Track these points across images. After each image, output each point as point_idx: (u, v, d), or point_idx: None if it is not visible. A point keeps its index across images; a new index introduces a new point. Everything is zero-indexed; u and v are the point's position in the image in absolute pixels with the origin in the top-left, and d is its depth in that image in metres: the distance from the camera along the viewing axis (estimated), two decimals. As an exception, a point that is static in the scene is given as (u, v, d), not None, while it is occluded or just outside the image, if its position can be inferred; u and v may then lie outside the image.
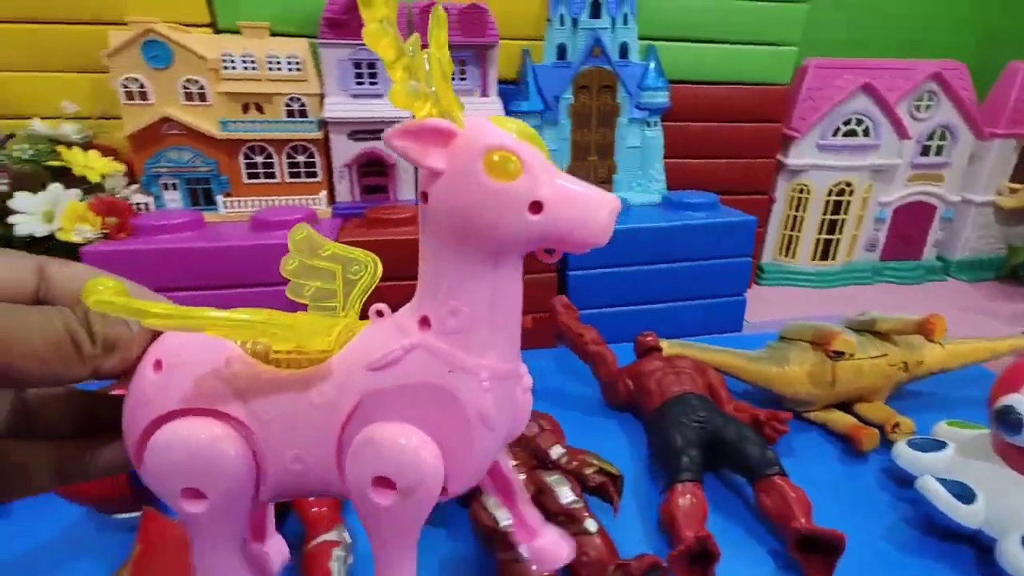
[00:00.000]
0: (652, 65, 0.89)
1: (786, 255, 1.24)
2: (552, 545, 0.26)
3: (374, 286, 0.22)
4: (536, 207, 0.17)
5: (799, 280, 1.22)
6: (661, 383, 0.55)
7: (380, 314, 0.20)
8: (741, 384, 0.60)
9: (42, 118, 0.77)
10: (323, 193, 0.85)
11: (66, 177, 0.74)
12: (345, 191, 0.86)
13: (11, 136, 0.78)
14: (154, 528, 0.37)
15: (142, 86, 0.75)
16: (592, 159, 0.91)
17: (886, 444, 0.52)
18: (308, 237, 0.21)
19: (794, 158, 1.13)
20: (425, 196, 0.18)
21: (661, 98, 0.90)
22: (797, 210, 1.19)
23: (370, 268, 0.22)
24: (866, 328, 0.57)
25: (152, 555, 0.35)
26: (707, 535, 0.36)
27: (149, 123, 0.76)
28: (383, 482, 0.18)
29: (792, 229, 1.21)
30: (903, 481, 0.48)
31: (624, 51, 0.89)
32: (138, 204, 0.78)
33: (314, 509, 0.40)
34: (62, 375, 0.17)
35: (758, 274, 1.22)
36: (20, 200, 0.68)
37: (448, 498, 0.20)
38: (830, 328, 0.54)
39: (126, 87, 0.75)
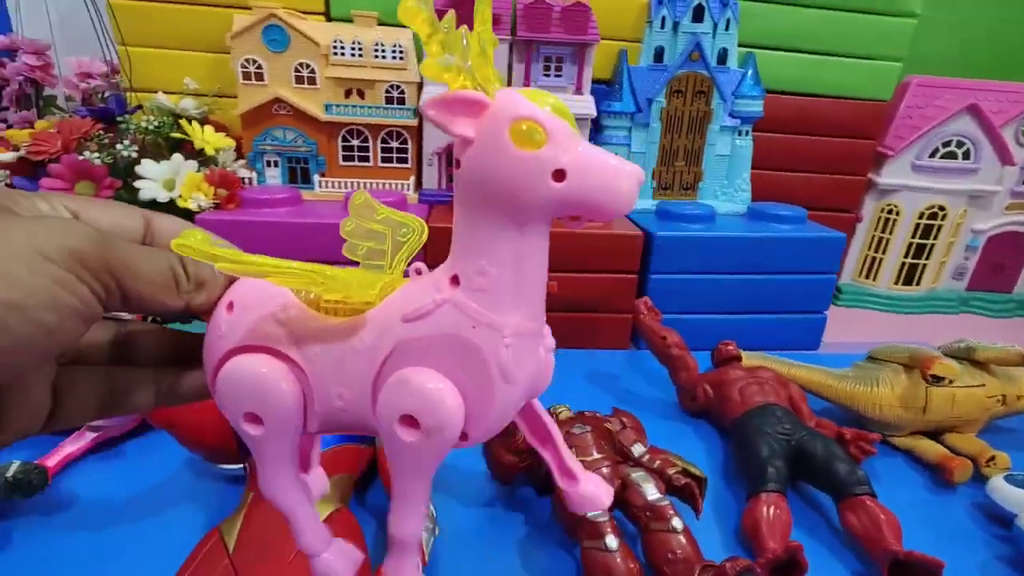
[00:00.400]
0: (750, 73, 0.87)
1: (867, 277, 1.19)
2: (594, 489, 0.27)
3: (419, 247, 0.24)
4: (559, 175, 0.18)
5: (878, 304, 1.18)
6: (743, 392, 0.55)
7: (419, 272, 0.23)
8: (820, 402, 0.59)
9: (166, 92, 0.83)
10: (412, 179, 0.88)
11: (184, 149, 0.79)
12: (432, 178, 0.88)
13: (140, 107, 0.85)
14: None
15: (259, 67, 0.80)
16: (679, 164, 0.91)
17: (977, 478, 0.51)
18: (366, 202, 0.23)
19: (886, 177, 1.08)
20: (458, 162, 0.19)
21: (756, 107, 0.89)
22: (883, 231, 1.14)
23: (417, 231, 0.24)
24: (963, 356, 0.55)
25: (263, 503, 0.38)
26: (798, 546, 0.36)
27: (261, 103, 0.81)
28: (409, 420, 0.20)
29: (876, 250, 1.16)
30: (997, 517, 0.46)
31: (723, 57, 0.88)
32: (245, 178, 0.83)
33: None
34: (166, 303, 0.21)
35: (835, 294, 1.18)
36: (146, 167, 0.74)
37: (468, 445, 0.21)
38: (929, 352, 0.53)
39: (244, 68, 0.80)
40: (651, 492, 0.41)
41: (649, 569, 0.38)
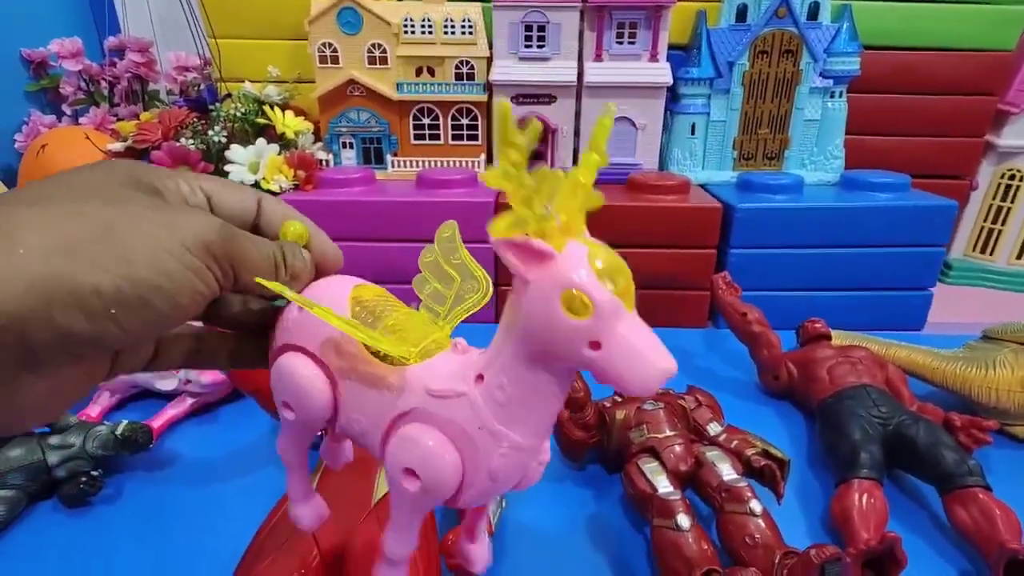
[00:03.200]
0: (845, 27, 0.80)
1: (983, 251, 1.07)
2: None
3: (478, 308, 0.25)
4: (595, 345, 0.18)
5: (995, 281, 1.06)
6: (833, 372, 0.51)
7: (456, 347, 0.24)
8: (923, 387, 0.53)
9: (251, 81, 0.88)
10: (483, 156, 0.88)
11: (267, 133, 0.83)
12: (503, 155, 0.88)
13: (228, 96, 0.90)
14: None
15: (334, 50, 0.82)
16: (763, 132, 0.85)
17: (1120, 477, 0.44)
18: (452, 237, 0.25)
19: (1008, 138, 0.96)
20: (515, 289, 0.20)
21: (851, 64, 0.81)
22: (1004, 199, 1.02)
23: (481, 290, 0.25)
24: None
25: (336, 468, 0.39)
26: (896, 537, 0.33)
27: (337, 85, 0.83)
28: (412, 472, 0.22)
29: (994, 222, 1.04)
30: None
31: (814, 11, 0.81)
32: (322, 160, 0.87)
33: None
34: (266, 289, 0.23)
35: (943, 271, 1.07)
36: (234, 151, 0.78)
37: (452, 507, 0.24)
38: (1061, 332, 0.46)
39: (321, 52, 0.82)
40: (727, 472, 0.39)
41: (724, 553, 0.36)
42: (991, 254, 1.07)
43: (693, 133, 0.85)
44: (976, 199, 1.04)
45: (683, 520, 0.35)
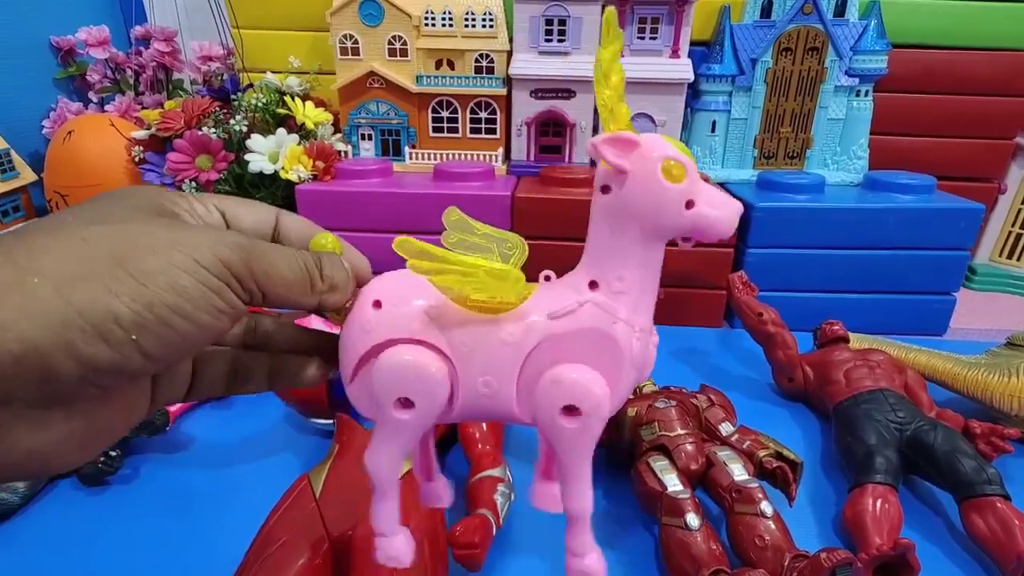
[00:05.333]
0: (873, 24, 0.78)
1: (1009, 256, 1.04)
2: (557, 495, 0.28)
3: (524, 260, 0.25)
4: (690, 204, 0.22)
5: (1022, 288, 1.03)
6: (850, 375, 0.50)
7: (548, 278, 0.25)
8: (943, 393, 0.52)
9: (273, 71, 0.89)
10: (500, 150, 0.87)
11: (288, 123, 0.84)
12: (521, 149, 0.88)
13: (250, 86, 0.91)
14: (349, 432, 0.42)
15: (355, 42, 0.82)
16: (785, 131, 0.83)
17: None
18: (461, 219, 0.25)
19: (1040, 141, 0.94)
20: (606, 188, 0.23)
21: (878, 63, 0.79)
22: (1034, 204, 0.99)
23: (519, 246, 0.25)
24: None
25: (347, 455, 0.40)
26: (909, 544, 0.32)
27: (357, 77, 0.84)
28: (569, 410, 0.23)
29: (1023, 227, 1.02)
30: None
31: (841, 8, 0.79)
32: (341, 151, 0.87)
33: (479, 447, 0.42)
34: (300, 301, 0.22)
35: (968, 276, 1.04)
36: (255, 141, 0.79)
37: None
38: (1087, 340, 0.45)
39: (342, 43, 0.83)
40: (738, 472, 0.38)
41: (734, 554, 0.36)
42: (1018, 260, 1.04)
43: (713, 131, 0.84)
44: (1004, 203, 1.02)
45: (692, 519, 0.35)
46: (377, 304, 0.24)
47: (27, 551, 0.38)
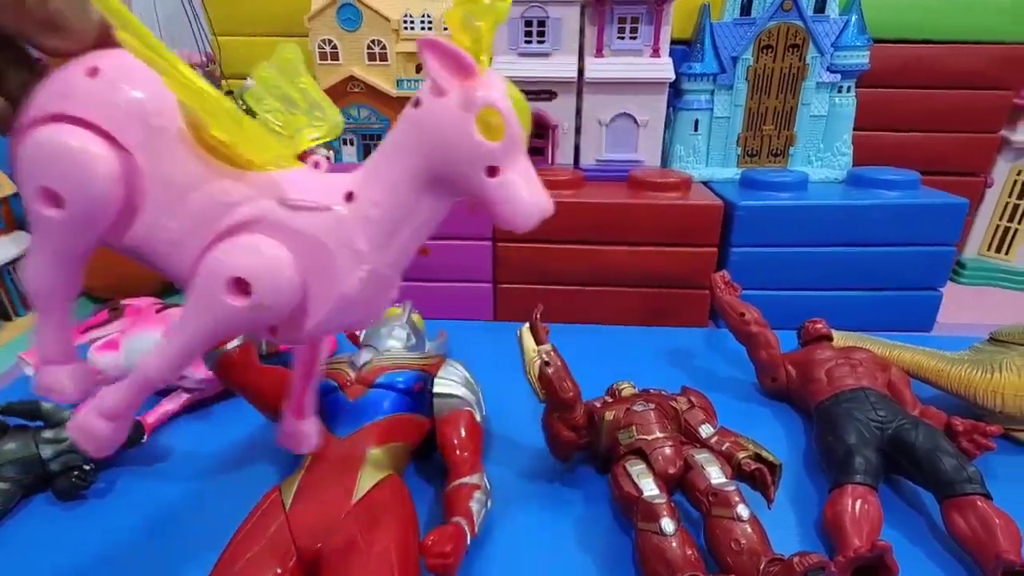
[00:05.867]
0: (853, 20, 0.78)
1: (997, 250, 1.04)
2: (308, 430, 0.27)
3: (329, 139, 0.22)
4: (493, 171, 0.18)
5: (1011, 282, 1.03)
6: (832, 374, 0.49)
7: (316, 166, 0.21)
8: (928, 390, 0.52)
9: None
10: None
11: (268, 130, 0.84)
12: (503, 152, 0.87)
13: (230, 93, 0.90)
14: (322, 442, 0.41)
15: (334, 47, 0.82)
16: (767, 128, 0.83)
17: None
18: (295, 61, 0.22)
19: (1023, 134, 0.94)
20: (418, 102, 0.19)
21: (859, 58, 0.79)
22: (1020, 197, 0.99)
23: (331, 123, 0.22)
24: (1118, 341, 0.46)
25: (320, 466, 0.39)
26: (886, 546, 0.32)
27: (337, 81, 0.83)
28: (240, 284, 0.19)
29: (1010, 220, 1.02)
30: None
31: (821, 4, 0.79)
32: (323, 157, 0.87)
33: (457, 453, 0.42)
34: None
35: (956, 270, 1.04)
36: (233, 148, 0.79)
37: (294, 340, 0.20)
38: (1069, 334, 0.45)
39: (321, 48, 0.82)
40: (716, 475, 0.38)
41: (710, 558, 0.35)
42: (1007, 253, 1.04)
43: (696, 129, 0.83)
44: (991, 196, 1.02)
45: (667, 524, 0.34)
46: (93, 71, 0.19)
47: (2, 568, 0.38)
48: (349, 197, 0.20)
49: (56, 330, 0.21)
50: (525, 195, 0.19)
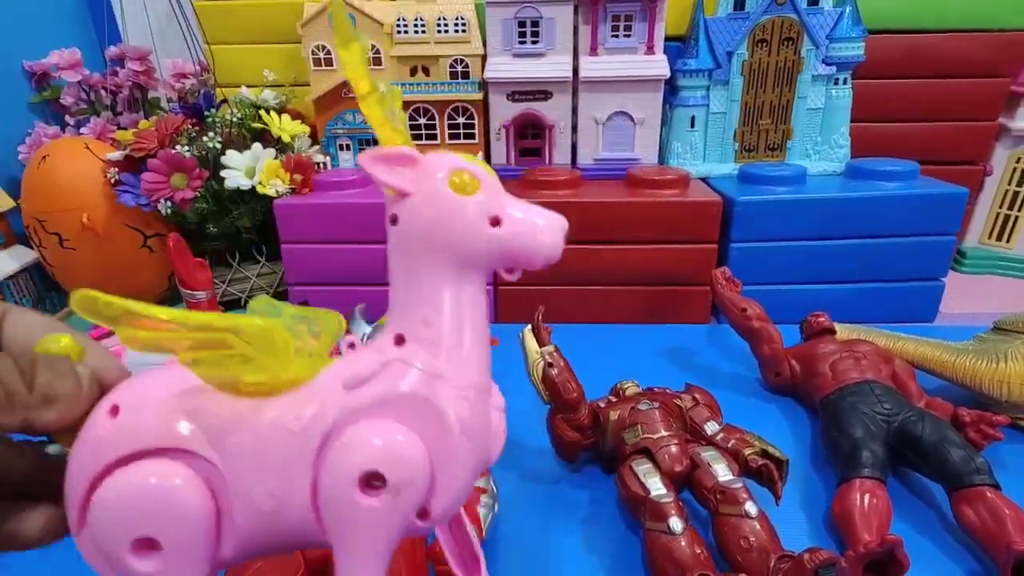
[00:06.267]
0: (847, 11, 0.77)
1: (998, 239, 1.04)
2: None
3: (340, 336, 0.21)
4: (496, 221, 0.19)
5: (1013, 270, 1.02)
6: (836, 368, 0.49)
7: (352, 346, 0.20)
8: (934, 381, 0.52)
9: (248, 85, 0.88)
10: (480, 155, 0.87)
11: (264, 138, 0.83)
12: (501, 153, 0.87)
13: (224, 101, 0.90)
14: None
15: (328, 52, 0.82)
16: (764, 123, 0.83)
17: None
18: (269, 304, 0.21)
19: (1022, 121, 0.93)
20: (395, 218, 0.19)
21: (855, 50, 0.79)
22: (1020, 185, 0.99)
23: (333, 324, 0.21)
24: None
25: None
26: (896, 540, 0.31)
27: (331, 87, 0.83)
28: (369, 482, 0.17)
29: (1011, 208, 1.01)
30: None
31: (814, -3, 0.79)
32: (319, 163, 0.86)
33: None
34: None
35: (957, 260, 1.04)
36: (230, 157, 0.78)
37: (430, 524, 0.18)
38: (1073, 322, 0.45)
39: (315, 54, 0.82)
40: (723, 473, 0.37)
41: (720, 556, 0.35)
42: (1008, 241, 1.04)
43: (693, 126, 0.83)
44: (991, 185, 1.01)
45: (675, 523, 0.34)
46: (114, 411, 0.18)
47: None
48: (399, 340, 0.19)
49: None
50: (537, 222, 0.19)
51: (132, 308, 0.16)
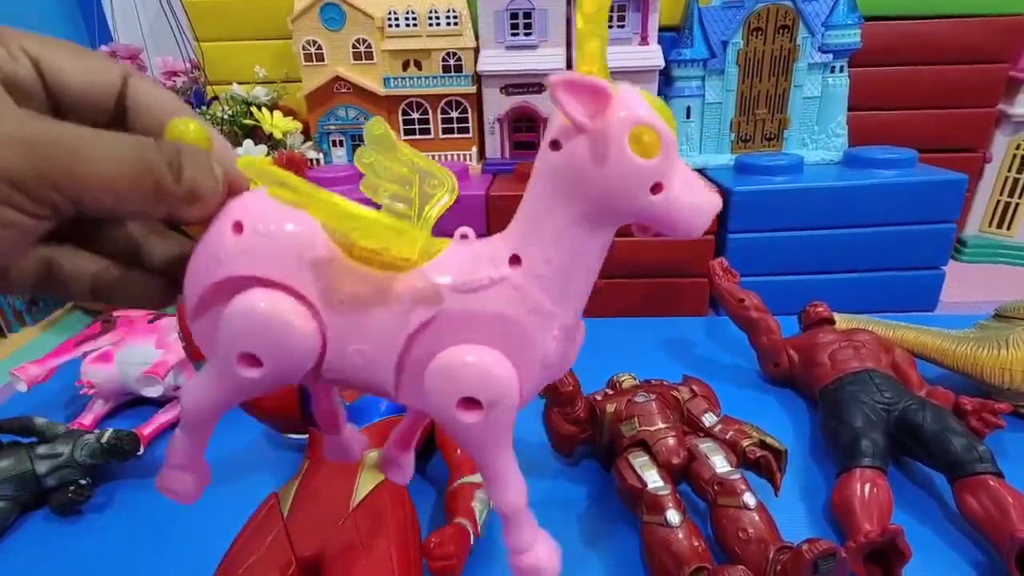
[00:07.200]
0: (843, -2, 0.77)
1: (999, 226, 1.03)
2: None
3: (450, 203, 0.21)
4: (657, 188, 0.17)
5: (1013, 257, 1.02)
6: (835, 357, 0.49)
7: (464, 236, 0.21)
8: (935, 370, 0.51)
9: (240, 83, 0.87)
10: (474, 149, 0.86)
11: (255, 135, 0.83)
12: (495, 147, 0.86)
13: (215, 98, 0.90)
14: (319, 448, 0.41)
15: (319, 47, 0.81)
16: (761, 112, 0.82)
17: None
18: (387, 135, 0.21)
19: (1022, 107, 0.92)
20: (556, 144, 0.18)
21: (852, 37, 0.78)
22: (1020, 172, 0.98)
23: (448, 185, 0.21)
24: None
25: (317, 471, 0.38)
26: (897, 529, 0.31)
27: (323, 82, 0.82)
28: (467, 403, 0.19)
29: (1011, 195, 1.00)
30: None
31: (809, -16, 0.78)
32: (312, 159, 0.86)
33: (458, 452, 0.41)
34: (140, 210, 0.17)
35: (958, 248, 1.03)
36: (221, 154, 0.78)
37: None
38: (1076, 306, 0.44)
39: (305, 49, 0.81)
40: (720, 464, 0.37)
41: (718, 548, 0.34)
42: (1008, 229, 1.03)
43: (688, 117, 0.82)
44: (991, 172, 1.01)
45: (673, 516, 0.34)
46: (238, 227, 0.19)
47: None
48: (515, 260, 0.19)
49: (195, 445, 0.22)
50: (695, 200, 0.18)
51: (298, 186, 0.17)
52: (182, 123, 0.18)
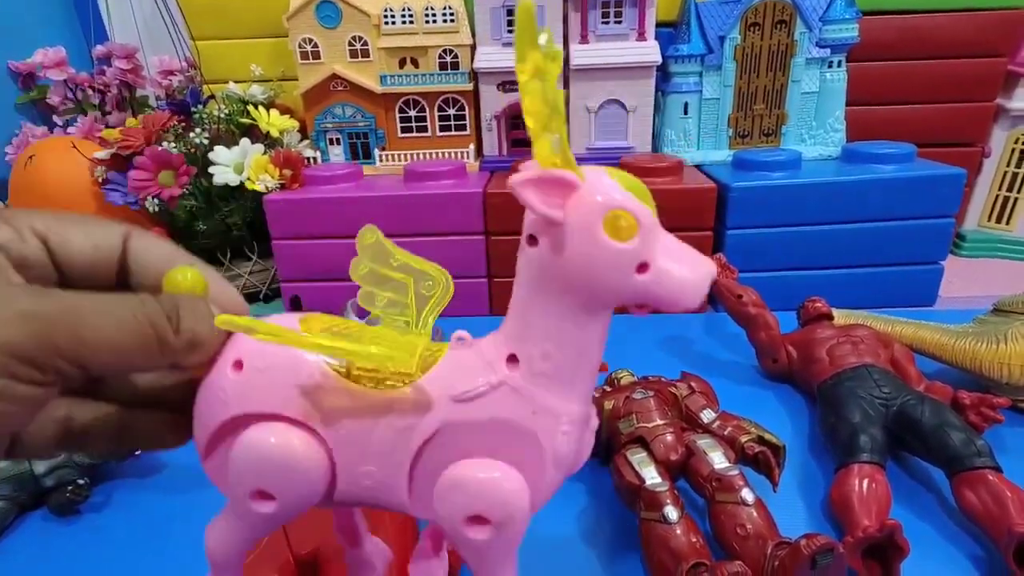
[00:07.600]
0: (841, -8, 0.77)
1: (998, 221, 1.03)
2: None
3: (446, 303, 0.21)
4: (643, 268, 0.17)
5: (1013, 252, 1.02)
6: (833, 353, 0.48)
7: (461, 339, 0.20)
8: (933, 365, 0.51)
9: (236, 81, 0.87)
10: (471, 146, 0.86)
11: (252, 133, 0.82)
12: (493, 144, 0.86)
13: (212, 97, 0.89)
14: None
15: (315, 45, 0.81)
16: (758, 108, 0.82)
17: None
18: (378, 243, 0.21)
19: (1020, 101, 0.92)
20: (533, 240, 0.18)
21: (849, 31, 0.78)
22: (1019, 166, 0.98)
23: (442, 284, 0.21)
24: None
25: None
26: (895, 524, 0.31)
27: (319, 80, 0.82)
28: (477, 520, 0.19)
29: (1010, 189, 1.00)
30: None
31: (807, -22, 0.78)
32: (309, 158, 0.86)
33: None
34: (144, 366, 0.18)
35: (957, 243, 1.03)
36: (218, 152, 0.78)
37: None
38: (1074, 300, 0.44)
39: (302, 47, 0.81)
40: (718, 460, 0.37)
41: (717, 544, 0.34)
42: (1007, 223, 1.03)
43: (686, 113, 0.82)
44: (990, 166, 1.00)
45: (671, 512, 0.34)
46: (238, 365, 0.19)
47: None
48: (512, 360, 0.19)
49: None
50: (684, 274, 0.17)
51: (269, 329, 0.17)
52: (179, 273, 0.19)
